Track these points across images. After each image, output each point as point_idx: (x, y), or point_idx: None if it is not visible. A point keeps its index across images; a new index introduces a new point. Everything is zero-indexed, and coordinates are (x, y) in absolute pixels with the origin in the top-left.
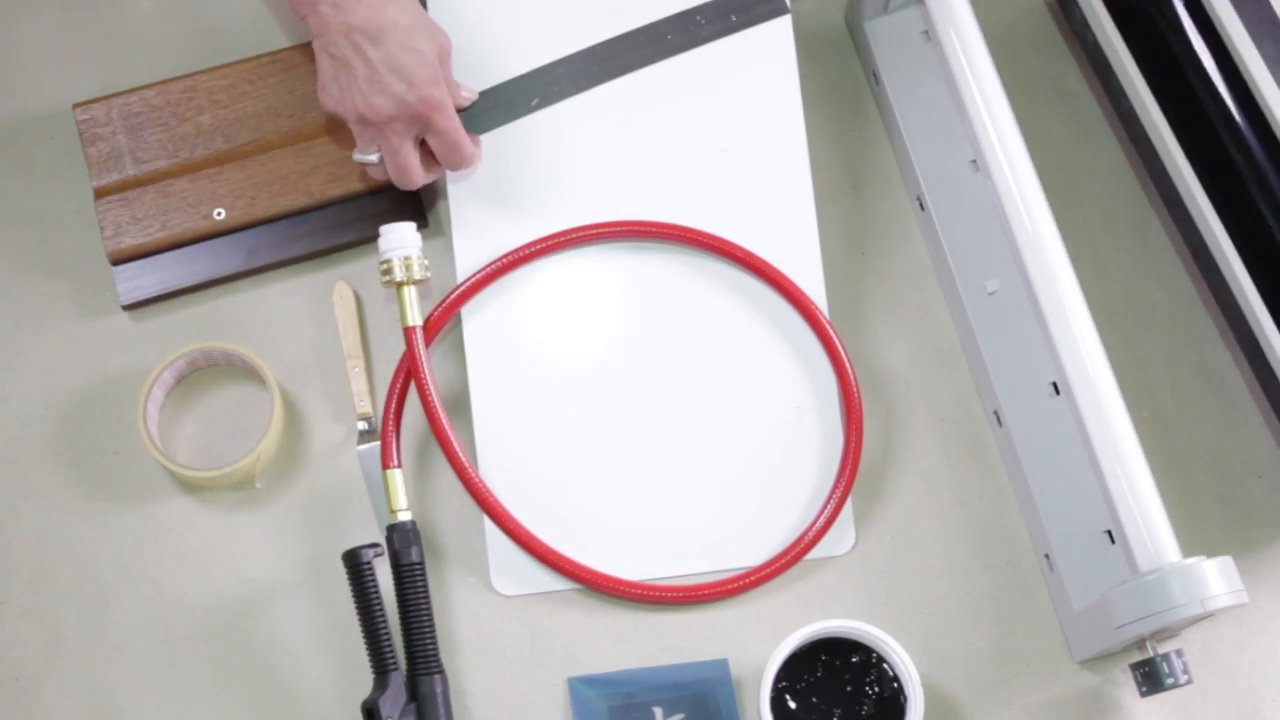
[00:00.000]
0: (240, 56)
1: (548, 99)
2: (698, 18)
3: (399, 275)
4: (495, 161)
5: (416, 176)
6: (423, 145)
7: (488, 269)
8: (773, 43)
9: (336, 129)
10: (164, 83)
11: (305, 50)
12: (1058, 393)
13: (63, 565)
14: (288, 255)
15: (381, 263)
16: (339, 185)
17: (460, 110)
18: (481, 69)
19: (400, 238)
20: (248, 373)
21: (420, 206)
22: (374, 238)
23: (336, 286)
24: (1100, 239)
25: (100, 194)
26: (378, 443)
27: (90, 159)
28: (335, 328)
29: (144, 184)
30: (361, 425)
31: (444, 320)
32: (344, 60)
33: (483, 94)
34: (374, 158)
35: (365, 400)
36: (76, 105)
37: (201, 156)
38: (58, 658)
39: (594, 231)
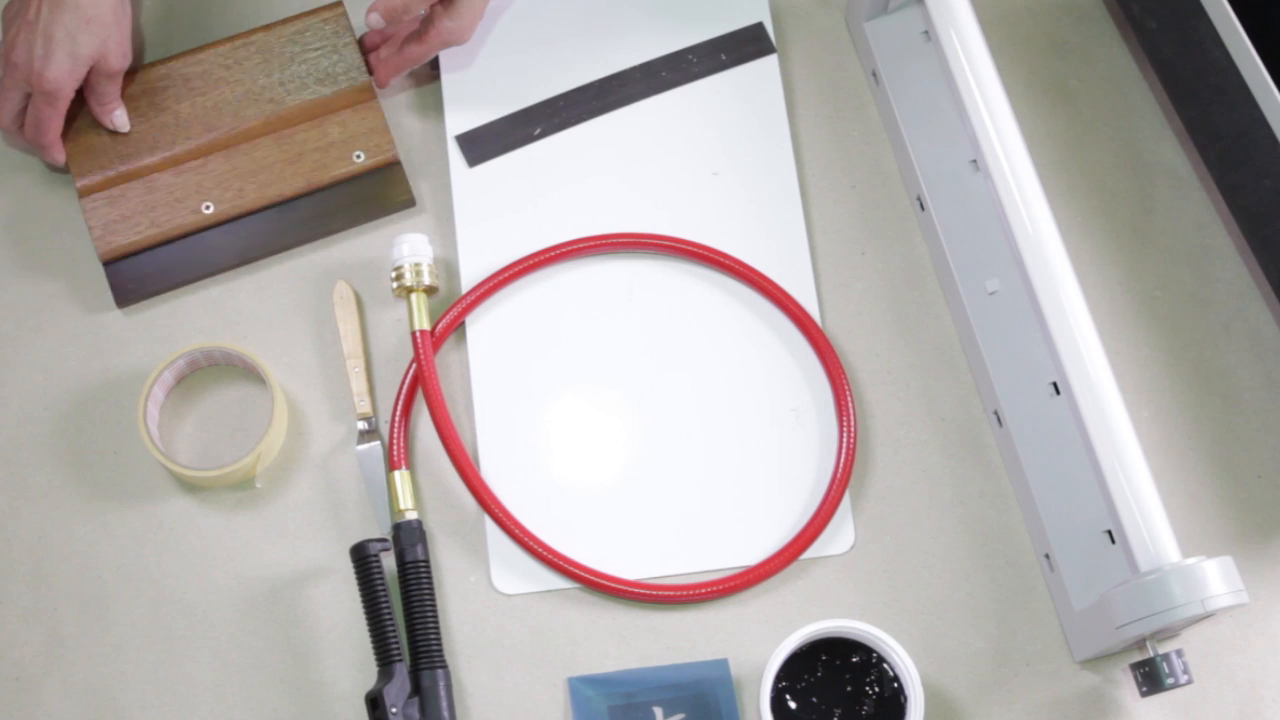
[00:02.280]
0: (211, 39)
1: (550, 129)
2: (690, 57)
3: (409, 281)
4: (499, 184)
5: (4, 119)
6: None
7: (492, 280)
8: (761, 78)
9: (318, 114)
10: (135, 71)
11: (278, 31)
12: (1058, 393)
13: (63, 565)
14: (281, 244)
15: (393, 269)
16: (326, 171)
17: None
18: (487, 102)
19: (413, 247)
20: (248, 372)
21: (408, 190)
22: (364, 221)
23: (336, 286)
24: (1100, 239)
25: (84, 193)
26: (378, 443)
27: (70, 156)
28: (335, 325)
29: (128, 180)
30: (361, 425)
31: (450, 331)
32: (36, 5)
33: (488, 124)
34: None
35: (365, 400)
36: None
37: (184, 150)
38: (58, 658)
39: (594, 243)
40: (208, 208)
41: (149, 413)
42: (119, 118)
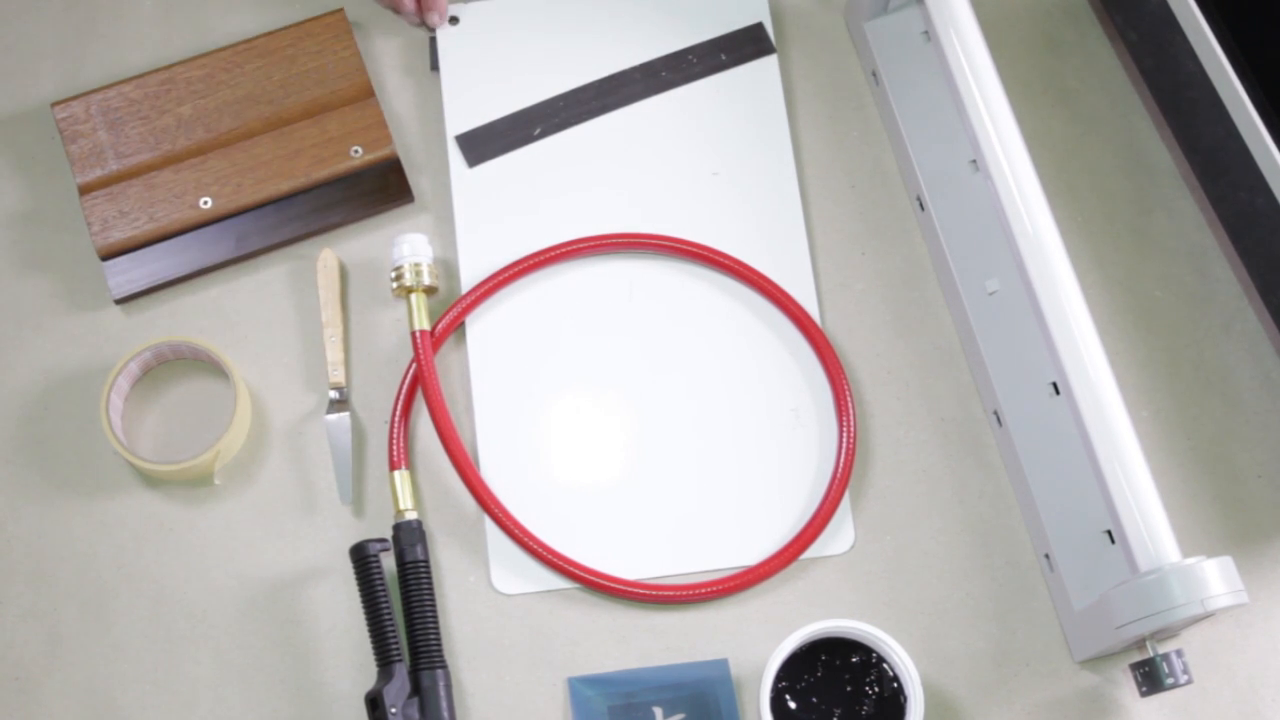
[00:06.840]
0: (215, 46)
1: (550, 129)
2: (690, 57)
3: (409, 281)
4: (499, 184)
5: None
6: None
7: (492, 280)
8: (761, 78)
9: (317, 112)
10: (141, 76)
11: (280, 37)
12: (1058, 393)
13: (63, 565)
14: (277, 239)
15: (393, 269)
16: (324, 167)
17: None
18: (487, 103)
19: (413, 247)
20: (215, 368)
21: (406, 185)
22: (362, 216)
23: (322, 253)
24: (1100, 239)
25: (85, 190)
26: (347, 413)
27: (72, 156)
28: (318, 299)
29: (128, 178)
30: (333, 394)
31: (450, 331)
32: None
33: (488, 125)
34: None
35: (339, 370)
36: (55, 104)
37: (184, 147)
38: (58, 658)
39: (594, 243)
40: (206, 203)
41: (112, 403)
42: (439, 15)
